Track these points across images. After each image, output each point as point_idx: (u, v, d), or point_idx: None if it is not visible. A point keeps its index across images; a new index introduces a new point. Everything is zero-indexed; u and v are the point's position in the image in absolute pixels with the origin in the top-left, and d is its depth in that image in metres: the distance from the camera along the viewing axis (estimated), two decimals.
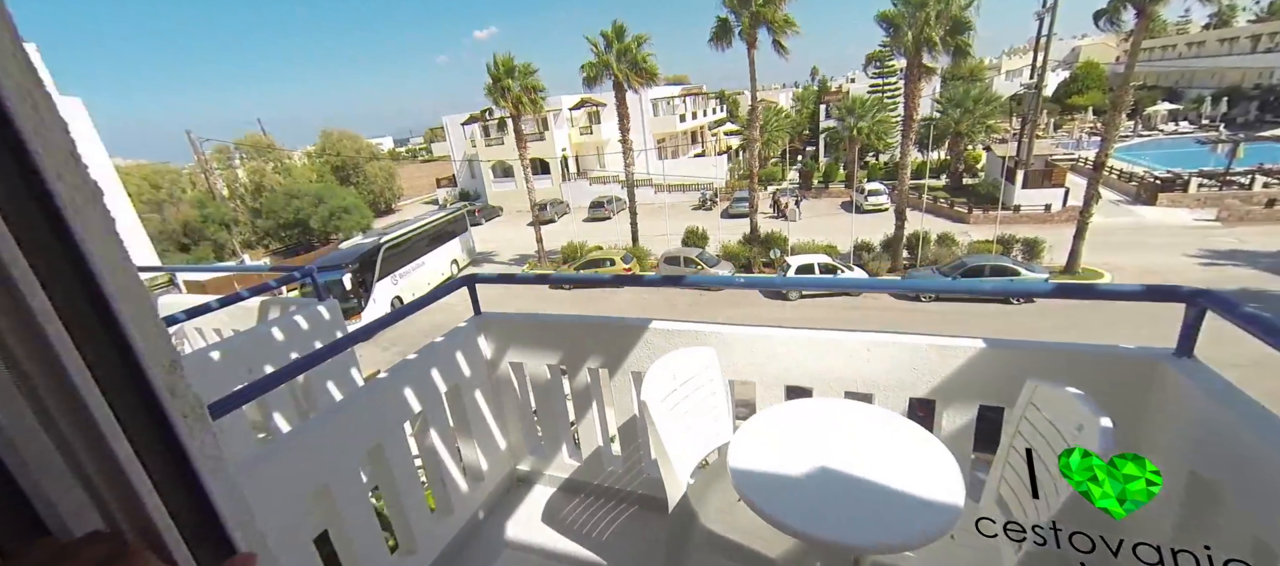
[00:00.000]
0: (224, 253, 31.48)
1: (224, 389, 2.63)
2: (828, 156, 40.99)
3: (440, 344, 2.42)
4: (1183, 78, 53.72)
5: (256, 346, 2.73)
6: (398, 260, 21.33)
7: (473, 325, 2.58)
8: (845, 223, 25.40)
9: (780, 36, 20.46)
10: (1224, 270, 17.87)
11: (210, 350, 2.56)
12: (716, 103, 57.44)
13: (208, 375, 2.56)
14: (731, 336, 2.10)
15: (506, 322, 2.55)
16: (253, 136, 42.64)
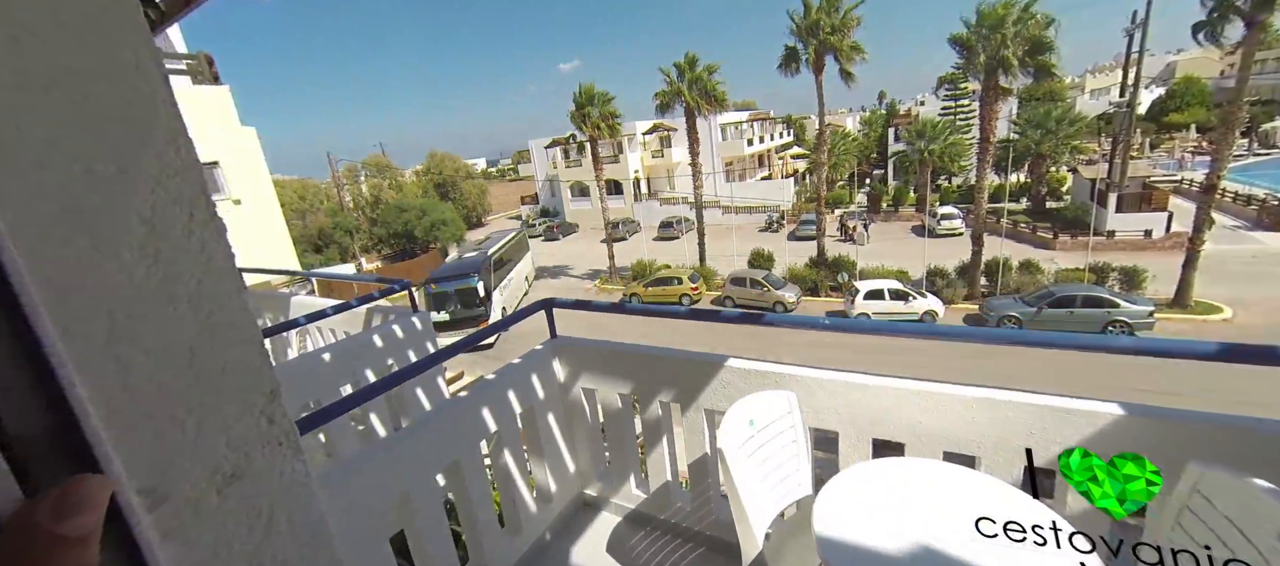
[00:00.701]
0: (346, 255, 34.55)
1: (332, 386, 2.77)
2: (897, 180, 38.61)
3: (517, 366, 2.35)
4: None
5: (360, 351, 2.82)
6: (499, 272, 22.24)
7: (548, 349, 2.49)
8: (917, 247, 23.67)
9: (847, 63, 19.59)
10: None
11: (324, 351, 2.66)
12: (783, 127, 56.06)
13: (320, 374, 2.65)
14: (815, 381, 1.85)
15: (581, 349, 2.45)
16: (375, 157, 46.91)
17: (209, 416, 0.84)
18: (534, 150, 49.87)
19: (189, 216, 0.77)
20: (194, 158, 0.81)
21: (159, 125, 0.75)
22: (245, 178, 10.97)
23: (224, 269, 0.83)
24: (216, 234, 0.83)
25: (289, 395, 2.44)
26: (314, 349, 3.87)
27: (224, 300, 0.83)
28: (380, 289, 3.30)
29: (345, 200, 39.31)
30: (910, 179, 35.14)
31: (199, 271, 0.78)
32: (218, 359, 0.81)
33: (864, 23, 19.16)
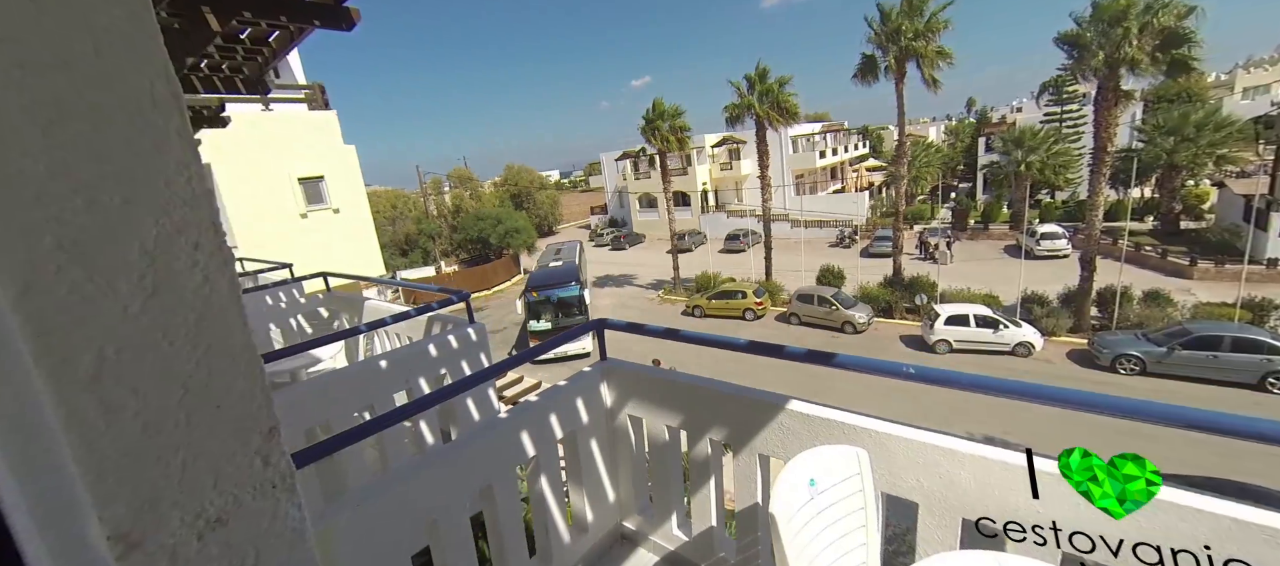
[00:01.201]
0: (428, 258, 37.06)
1: (386, 393, 2.85)
2: (987, 194, 35.43)
3: (564, 389, 2.27)
4: None
5: (415, 360, 2.89)
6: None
7: (597, 371, 2.39)
8: (1010, 269, 21.50)
9: (931, 70, 18.22)
10: None
11: (380, 359, 2.74)
12: (859, 138, 53.40)
13: (376, 381, 2.73)
14: (891, 437, 1.59)
15: (631, 374, 2.32)
16: (459, 170, 50.22)
17: (198, 456, 0.78)
18: (604, 162, 51.04)
19: (194, 247, 0.73)
20: (205, 188, 0.76)
21: (170, 155, 0.71)
22: (345, 190, 12.02)
23: (227, 302, 0.78)
24: (221, 265, 0.78)
25: (346, 400, 2.50)
26: (375, 354, 4.06)
27: (225, 334, 0.78)
28: (439, 300, 3.37)
29: (430, 209, 42.26)
30: (1004, 193, 32.10)
31: (200, 305, 0.73)
32: (213, 396, 0.76)
33: (953, 26, 17.79)
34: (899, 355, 17.00)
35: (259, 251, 10.08)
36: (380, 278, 3.68)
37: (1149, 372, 13.54)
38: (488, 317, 26.60)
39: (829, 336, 19.03)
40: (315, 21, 2.71)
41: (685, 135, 25.36)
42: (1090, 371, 14.42)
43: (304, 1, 2.51)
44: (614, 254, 40.01)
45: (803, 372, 16.42)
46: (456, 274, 33.69)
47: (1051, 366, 15.04)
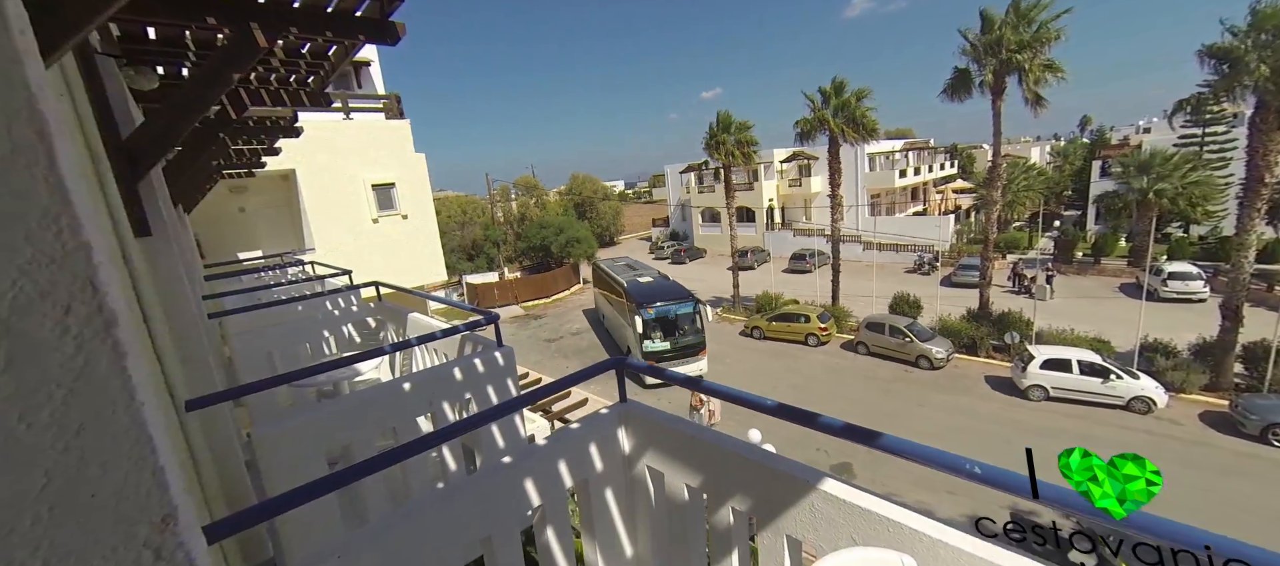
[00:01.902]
0: (492, 264, 38.74)
1: (409, 416, 2.84)
2: (1101, 225, 31.81)
3: (576, 432, 2.13)
4: None
5: (439, 383, 2.87)
6: None
7: (615, 414, 2.23)
8: (1127, 311, 19.10)
9: (1036, 86, 16.61)
10: None
11: (403, 382, 2.74)
12: (945, 157, 49.95)
13: (399, 404, 2.73)
14: (945, 546, 1.30)
15: (651, 422, 2.14)
16: (525, 178, 52.40)
17: (64, 557, 0.68)
18: (669, 174, 51.26)
19: (64, 312, 0.64)
20: (81, 240, 0.67)
21: (33, 204, 0.62)
22: (414, 197, 12.77)
23: (109, 373, 0.70)
24: (101, 331, 0.69)
25: (370, 422, 2.49)
26: (409, 371, 4.14)
27: (105, 409, 0.69)
28: (470, 320, 3.36)
29: (497, 215, 44.32)
30: (1122, 224, 28.66)
31: (70, 379, 0.64)
32: (86, 484, 0.67)
33: (1066, 37, 16.16)
34: (983, 397, 15.47)
35: (335, 254, 10.89)
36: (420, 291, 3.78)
37: None
38: (544, 327, 27.30)
39: (901, 370, 17.69)
40: (361, 35, 2.81)
41: (752, 149, 24.87)
42: (1231, 439, 12.32)
43: (350, 17, 2.58)
44: (673, 267, 39.83)
45: (866, 404, 15.35)
46: (517, 281, 34.93)
47: (1179, 429, 13.01)
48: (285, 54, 3.24)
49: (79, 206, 0.64)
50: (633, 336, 18.00)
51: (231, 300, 5.32)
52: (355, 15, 2.58)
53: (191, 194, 7.61)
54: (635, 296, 18.18)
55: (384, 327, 4.75)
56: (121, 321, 0.66)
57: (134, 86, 3.27)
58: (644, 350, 16.96)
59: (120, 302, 0.69)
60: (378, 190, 12.05)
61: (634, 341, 17.94)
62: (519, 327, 27.66)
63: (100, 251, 0.65)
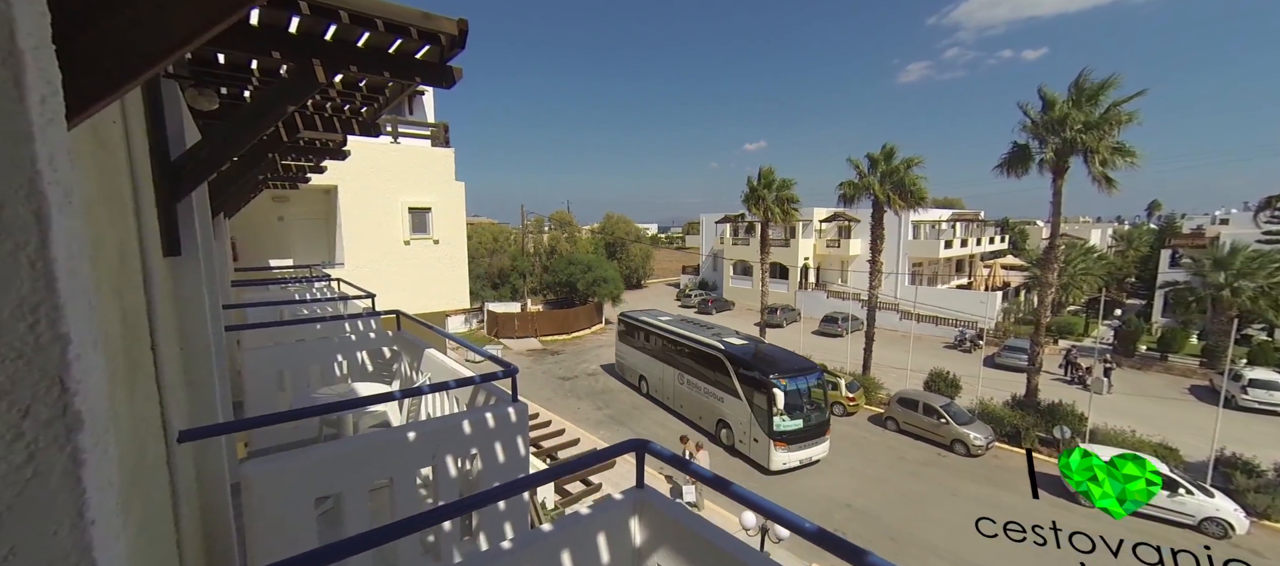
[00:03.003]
0: (518, 295, 39.24)
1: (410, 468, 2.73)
2: (1168, 317, 30.12)
3: (586, 519, 1.98)
4: None
5: (445, 434, 2.77)
6: None
7: (630, 502, 2.08)
8: (1198, 417, 17.78)
9: (1104, 168, 16.15)
10: None
11: (408, 430, 2.66)
12: (996, 231, 48.80)
13: (402, 453, 2.64)
14: None
15: (668, 516, 1.98)
16: (560, 213, 53.61)
17: None
18: (704, 223, 51.63)
19: (21, 415, 0.57)
20: (59, 332, 0.61)
21: (10, 293, 0.56)
22: (448, 223, 13.13)
23: (59, 485, 0.61)
24: (60, 437, 0.61)
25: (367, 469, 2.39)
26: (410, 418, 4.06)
27: (44, 531, 0.58)
28: (485, 374, 3.29)
29: (527, 247, 45.24)
30: (1193, 320, 27.06)
31: (11, 493, 0.57)
32: None
33: (1139, 120, 15.78)
34: (1025, 495, 14.35)
35: (363, 270, 11.19)
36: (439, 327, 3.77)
37: None
38: (561, 364, 27.19)
39: (933, 453, 16.72)
40: (418, 78, 2.89)
41: (791, 207, 24.87)
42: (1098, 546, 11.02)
43: (409, 59, 2.67)
44: (700, 317, 39.50)
45: (892, 485, 14.44)
46: (539, 314, 35.17)
47: (1263, 561, 11.71)
48: (343, 86, 3.38)
49: (65, 293, 0.58)
50: (747, 414, 15.50)
51: (254, 313, 5.43)
52: (415, 57, 2.66)
53: (235, 203, 7.99)
54: (752, 364, 15.69)
55: (399, 359, 4.73)
56: (87, 425, 0.59)
57: (194, 105, 3.45)
58: (775, 431, 14.64)
59: (95, 397, 0.62)
60: (414, 213, 12.44)
61: (750, 421, 15.43)
62: (534, 362, 27.63)
63: (81, 341, 0.59)
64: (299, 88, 2.54)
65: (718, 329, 19.52)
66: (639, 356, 21.43)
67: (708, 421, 17.41)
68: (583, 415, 19.69)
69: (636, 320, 21.82)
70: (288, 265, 10.93)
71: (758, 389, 15.21)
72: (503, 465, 2.94)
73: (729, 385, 16.28)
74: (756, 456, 15.37)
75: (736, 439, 16.20)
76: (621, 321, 23.11)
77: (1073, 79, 16.60)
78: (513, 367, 3.11)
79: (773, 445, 14.80)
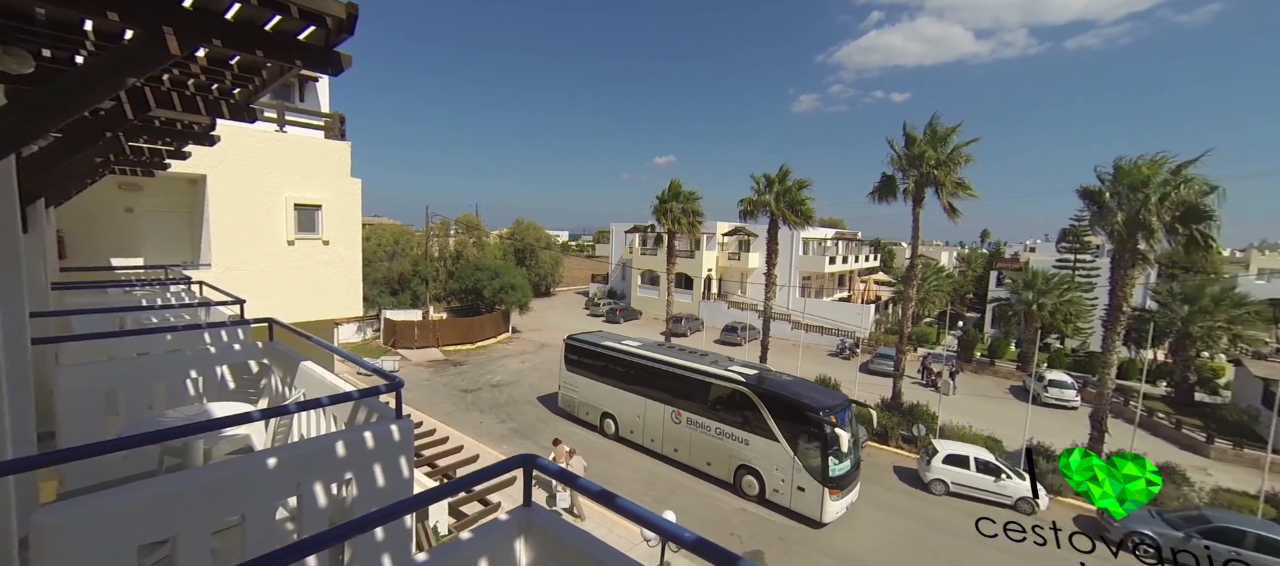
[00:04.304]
0: (419, 301, 36.73)
1: (267, 502, 2.38)
2: (996, 329, 35.42)
3: (466, 545, 1.86)
4: None
5: (314, 459, 2.47)
6: None
7: (515, 523, 1.99)
8: (1015, 412, 20.93)
9: (951, 199, 18.74)
10: None
11: (268, 456, 2.32)
12: (871, 250, 54.53)
13: (259, 484, 2.30)
14: None
15: (556, 536, 1.92)
16: (467, 216, 51.11)
17: None
18: (614, 232, 52.08)
19: None
20: None
21: None
22: (340, 223, 11.95)
23: None
24: None
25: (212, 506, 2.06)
26: (275, 441, 3.62)
27: None
28: (370, 386, 3.00)
29: (432, 251, 42.60)
30: (1012, 331, 32.06)
31: None
32: None
33: (975, 161, 18.50)
34: (892, 488, 16.07)
35: (235, 273, 9.83)
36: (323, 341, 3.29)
37: (1164, 560, 12.54)
38: (463, 375, 25.83)
39: None
40: (298, 61, 2.58)
41: (697, 220, 25.89)
42: (1100, 546, 13.43)
43: (290, 39, 2.35)
44: (608, 326, 39.65)
45: None
46: (442, 322, 33.22)
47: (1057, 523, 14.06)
48: (209, 61, 2.94)
49: None
50: (788, 459, 13.28)
51: (82, 321, 4.53)
52: (296, 38, 2.36)
53: (62, 190, 6.65)
54: (792, 400, 13.56)
55: (268, 374, 4.18)
56: None
57: (1, 67, 2.81)
58: (831, 477, 12.66)
59: None
60: (301, 210, 11.18)
61: (793, 466, 13.19)
62: (434, 373, 26.00)
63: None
64: (144, 58, 2.16)
65: (713, 356, 17.25)
66: (599, 389, 17.69)
67: (720, 468, 14.66)
68: (485, 429, 18.82)
69: (594, 345, 18.25)
70: (136, 265, 9.29)
71: (804, 428, 13.03)
72: (383, 489, 2.69)
73: (759, 425, 13.77)
74: (803, 508, 13.05)
75: (769, 489, 13.62)
76: (571, 347, 18.85)
77: (927, 122, 19.10)
78: (397, 380, 2.87)
79: (826, 493, 12.62)
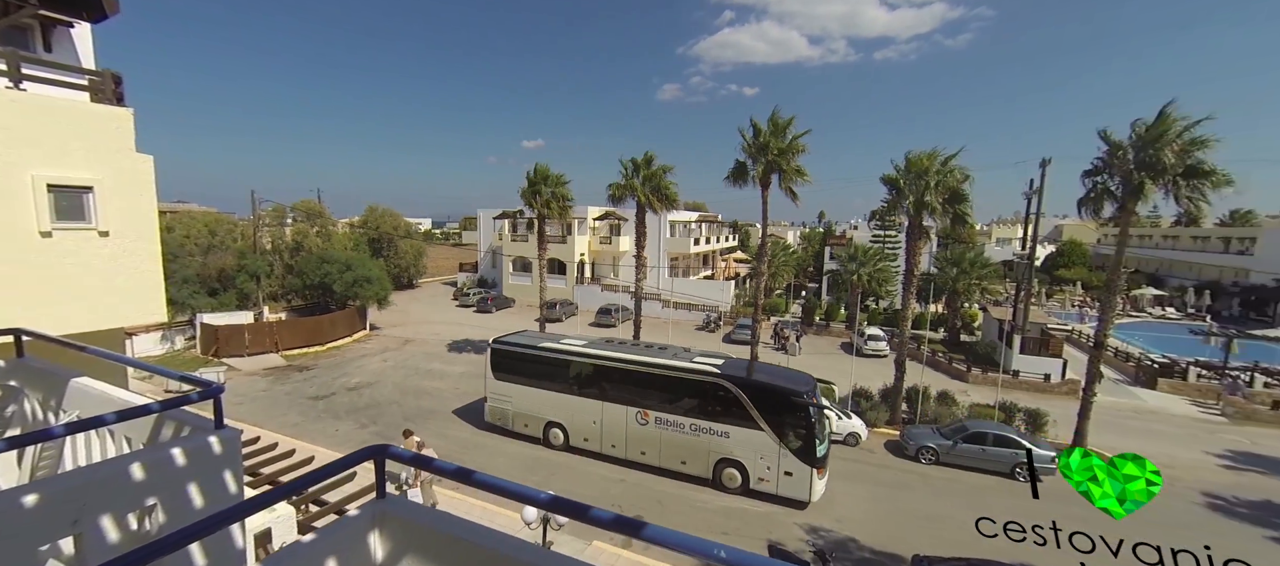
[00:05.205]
0: (248, 302, 31.25)
1: (22, 551, 1.86)
2: (830, 296, 41.06)
3: (311, 546, 1.69)
4: (1162, 266, 54.83)
5: (100, 489, 2.02)
6: None
7: (368, 516, 1.85)
8: (845, 364, 24.54)
9: (790, 184, 21.12)
10: (1248, 475, 16.41)
11: (25, 494, 1.84)
12: (730, 231, 59.29)
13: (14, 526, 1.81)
14: None
15: (414, 523, 1.83)
16: (308, 202, 44.35)
17: None
18: (482, 219, 49.43)
19: None
20: None
21: None
22: (125, 208, 9.55)
23: None
24: None
25: None
26: (36, 474, 2.93)
27: None
28: (164, 401, 2.53)
29: (263, 242, 36.34)
30: (842, 296, 37.43)
31: None
32: None
33: (809, 150, 20.98)
34: None
35: None
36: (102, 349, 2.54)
37: (941, 462, 15.97)
38: (312, 380, 22.75)
39: None
40: None
41: (567, 204, 25.68)
42: (901, 461, 16.56)
43: None
44: (479, 316, 37.80)
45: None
46: (282, 323, 28.81)
47: (873, 456, 17.00)
48: None
49: None
50: (773, 446, 13.32)
51: None
52: None
53: None
54: (773, 387, 13.67)
55: (17, 398, 3.26)
56: None
57: None
58: (818, 457, 12.96)
59: None
60: (60, 194, 8.69)
61: (778, 453, 13.26)
62: (274, 381, 22.55)
63: None
64: None
65: (674, 348, 16.61)
66: (541, 396, 16.16)
67: (697, 466, 14.22)
68: (344, 437, 16.90)
69: (531, 347, 16.66)
70: None
71: (789, 413, 13.20)
72: (201, 510, 2.30)
73: (741, 415, 13.59)
74: (791, 491, 13.20)
75: (754, 478, 13.57)
76: (500, 352, 16.92)
77: (770, 114, 21.20)
78: (215, 386, 2.45)
79: (814, 473, 12.92)
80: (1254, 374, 23.71)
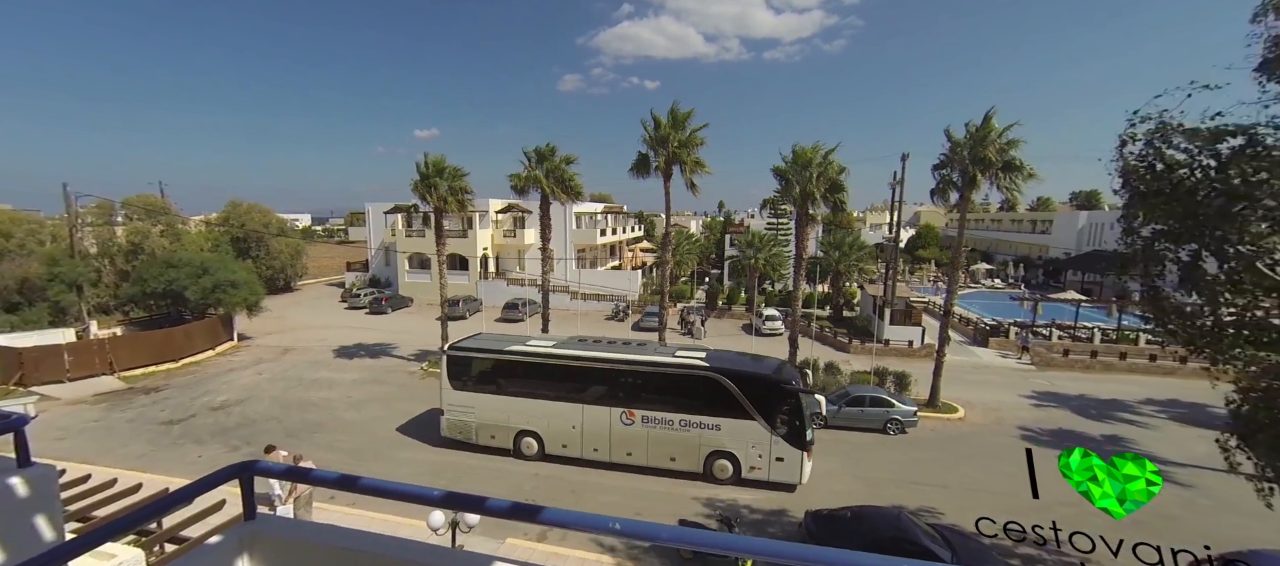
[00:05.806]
0: (66, 317, 25.85)
1: None
2: (731, 281, 43.43)
3: None
4: (992, 245, 65.51)
5: None
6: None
7: (235, 540, 1.65)
8: (746, 344, 26.17)
9: (691, 175, 21.94)
10: (1048, 410, 20.12)
11: None
12: (635, 222, 60.21)
13: None
14: None
15: (289, 540, 1.66)
16: (146, 197, 37.44)
17: None
18: (371, 214, 45.34)
19: None
20: None
21: None
22: None
23: None
24: None
25: None
26: None
27: None
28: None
29: (85, 245, 30.17)
30: (742, 281, 39.80)
31: None
32: None
33: (707, 143, 21.87)
34: None
35: None
36: None
37: (829, 425, 17.77)
38: (163, 403, 19.47)
39: None
40: None
41: (466, 198, 24.38)
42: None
43: None
44: (372, 318, 34.84)
45: None
46: (118, 339, 24.26)
47: None
48: None
49: None
50: (765, 435, 13.34)
51: None
52: None
53: None
54: (760, 376, 13.74)
55: None
56: None
57: None
58: (808, 441, 13.23)
59: None
60: None
61: (770, 441, 13.27)
62: (111, 408, 19.04)
63: None
64: None
65: (652, 345, 16.06)
66: (510, 404, 15.01)
67: (688, 461, 13.85)
68: (209, 463, 14.73)
69: (495, 353, 15.44)
70: None
71: (780, 401, 13.33)
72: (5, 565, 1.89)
73: (733, 407, 13.41)
74: (782, 476, 13.38)
75: (746, 467, 13.54)
76: (458, 359, 15.50)
77: (670, 107, 21.80)
78: (16, 417, 2.01)
79: (804, 457, 13.21)
80: (1052, 329, 29.19)
